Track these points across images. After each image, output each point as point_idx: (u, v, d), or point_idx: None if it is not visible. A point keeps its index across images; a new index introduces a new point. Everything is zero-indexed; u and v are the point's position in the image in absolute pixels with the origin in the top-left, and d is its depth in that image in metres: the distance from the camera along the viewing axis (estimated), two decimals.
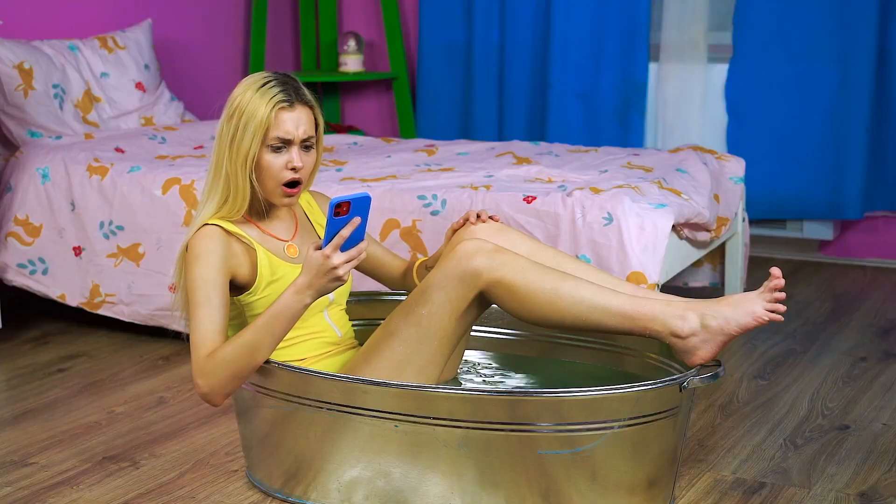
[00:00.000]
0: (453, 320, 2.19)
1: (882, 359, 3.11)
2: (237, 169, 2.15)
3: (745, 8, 4.18)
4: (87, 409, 2.77)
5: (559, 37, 4.42)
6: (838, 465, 2.39)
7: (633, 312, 2.13)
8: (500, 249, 2.18)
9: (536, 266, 2.17)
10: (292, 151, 2.17)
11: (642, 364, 2.41)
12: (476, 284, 2.17)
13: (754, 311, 2.08)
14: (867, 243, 4.26)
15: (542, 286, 2.15)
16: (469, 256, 2.16)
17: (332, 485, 2.14)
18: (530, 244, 2.35)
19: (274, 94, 2.14)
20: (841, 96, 4.08)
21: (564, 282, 2.16)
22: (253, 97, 2.14)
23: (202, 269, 2.12)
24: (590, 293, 2.15)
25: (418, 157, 3.55)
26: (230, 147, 2.16)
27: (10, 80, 3.48)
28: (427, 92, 4.78)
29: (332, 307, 2.33)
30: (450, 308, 2.18)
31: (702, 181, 3.19)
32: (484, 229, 2.36)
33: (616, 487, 2.05)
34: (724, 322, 2.09)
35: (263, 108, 2.13)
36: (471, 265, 2.16)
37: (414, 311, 2.19)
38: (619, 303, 2.14)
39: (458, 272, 2.16)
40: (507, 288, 2.16)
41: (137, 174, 3.23)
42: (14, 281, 3.38)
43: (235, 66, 4.73)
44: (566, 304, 2.15)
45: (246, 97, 2.15)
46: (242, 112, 2.14)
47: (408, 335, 2.18)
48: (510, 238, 2.35)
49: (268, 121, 2.13)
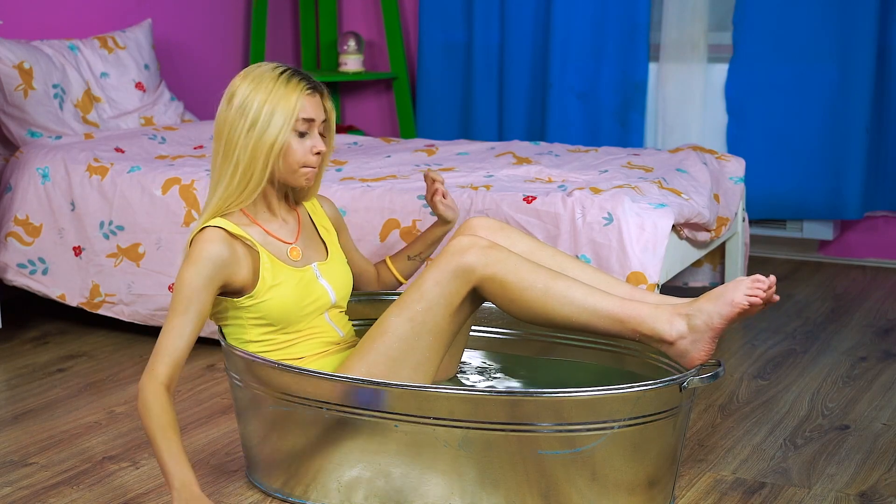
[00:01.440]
0: (448, 316, 2.19)
1: (882, 359, 3.11)
2: (258, 155, 2.18)
3: (745, 8, 4.18)
4: (87, 409, 2.77)
5: (559, 37, 4.42)
6: (838, 465, 2.39)
7: (622, 316, 2.13)
8: (494, 246, 2.18)
9: (530, 264, 2.18)
10: (315, 137, 2.23)
11: (642, 364, 2.41)
12: (470, 280, 2.17)
13: (733, 298, 2.05)
14: (867, 243, 4.26)
15: (533, 285, 2.15)
16: (463, 251, 2.17)
17: (332, 485, 2.14)
18: (529, 243, 2.36)
19: (298, 82, 2.20)
20: (841, 96, 4.08)
21: (556, 281, 2.16)
22: (276, 86, 2.18)
23: (193, 276, 2.14)
24: (581, 294, 2.15)
25: (418, 157, 3.55)
26: (249, 135, 2.17)
27: (10, 80, 3.48)
28: (427, 92, 4.78)
29: (332, 310, 2.33)
30: (444, 304, 2.18)
31: (702, 181, 3.19)
32: (484, 227, 2.37)
33: (616, 487, 2.05)
34: (707, 318, 2.08)
35: (294, 96, 2.18)
36: (465, 260, 2.17)
37: (408, 307, 2.19)
38: (609, 306, 2.14)
39: (452, 268, 2.17)
40: (500, 284, 2.16)
41: (137, 174, 3.23)
42: (14, 281, 3.38)
43: (235, 66, 4.73)
44: (556, 303, 2.15)
45: (265, 88, 2.18)
46: (264, 102, 2.17)
47: (403, 332, 2.19)
48: (510, 237, 2.36)
49: (298, 107, 2.18)
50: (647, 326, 2.12)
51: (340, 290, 2.34)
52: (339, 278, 2.35)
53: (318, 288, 2.28)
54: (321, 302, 2.29)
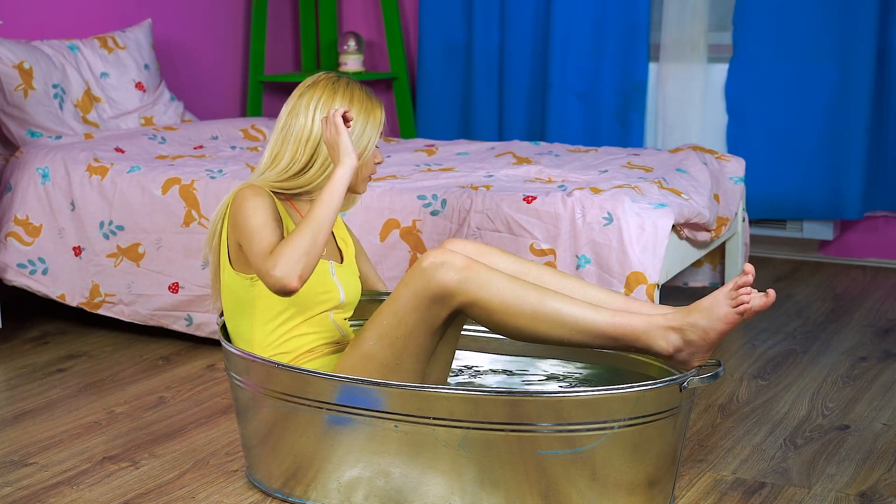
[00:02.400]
0: (429, 336, 2.16)
1: (882, 359, 3.11)
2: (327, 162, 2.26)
3: (745, 8, 4.18)
4: (87, 409, 2.77)
5: (559, 37, 4.42)
6: (838, 465, 2.39)
7: (615, 334, 2.12)
8: (470, 264, 2.11)
9: (513, 285, 2.12)
10: (378, 149, 2.35)
11: (643, 364, 2.41)
12: (449, 304, 2.12)
13: (725, 314, 2.05)
14: (867, 243, 4.26)
15: (520, 310, 2.11)
16: (436, 270, 2.11)
17: (332, 485, 2.14)
18: (508, 263, 2.29)
19: (376, 101, 2.32)
20: (841, 96, 4.08)
21: (544, 304, 2.11)
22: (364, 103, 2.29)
23: (257, 204, 2.16)
24: (571, 316, 2.11)
25: (418, 157, 3.55)
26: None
27: (10, 80, 3.48)
28: (427, 92, 4.78)
29: (338, 312, 2.34)
30: (425, 327, 2.14)
31: (702, 181, 3.19)
32: (466, 249, 2.29)
33: (616, 487, 2.05)
34: (702, 333, 2.08)
35: (379, 116, 2.30)
36: (440, 283, 2.10)
37: (388, 333, 2.15)
38: (601, 324, 2.11)
39: (430, 293, 2.11)
40: (485, 310, 2.12)
41: (137, 174, 3.23)
42: (14, 281, 3.38)
43: (235, 66, 4.73)
44: (547, 327, 2.12)
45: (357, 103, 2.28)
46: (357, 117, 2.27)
47: (384, 357, 2.16)
48: (489, 257, 2.29)
49: (381, 122, 2.31)
50: (641, 343, 2.11)
51: (350, 293, 2.34)
52: (350, 283, 2.36)
53: (330, 282, 2.29)
54: (331, 296, 2.30)
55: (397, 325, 2.14)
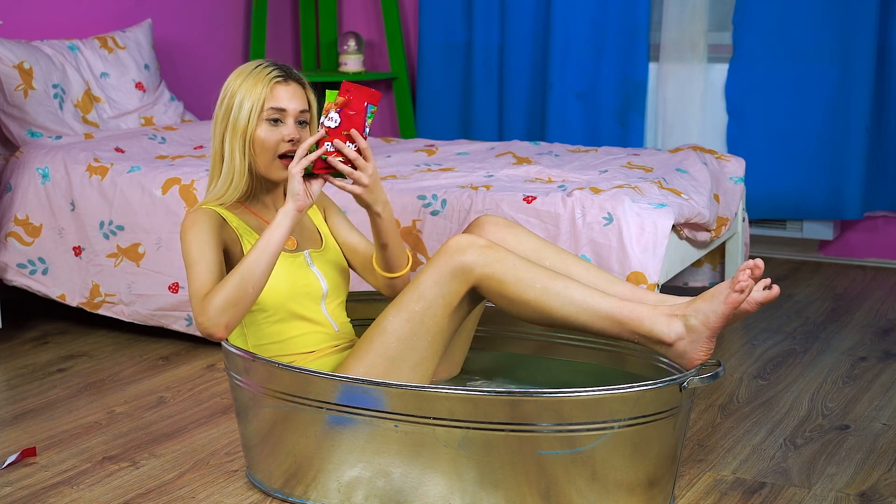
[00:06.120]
0: (446, 315, 2.20)
1: (882, 359, 3.11)
2: (234, 147, 2.23)
3: (745, 8, 4.18)
4: (87, 409, 2.77)
5: (559, 37, 4.42)
6: (838, 465, 2.39)
7: (620, 317, 2.14)
8: (492, 245, 2.19)
9: (529, 264, 2.18)
10: (288, 124, 2.25)
11: (643, 364, 2.41)
12: (468, 279, 2.18)
13: (726, 296, 2.06)
14: (867, 243, 4.26)
15: (532, 284, 2.16)
16: (461, 251, 2.18)
17: (332, 485, 2.14)
18: (535, 241, 2.36)
19: (269, 72, 2.24)
20: (841, 96, 4.08)
21: (554, 281, 2.16)
22: (247, 78, 2.24)
23: (195, 234, 2.18)
24: (580, 295, 2.16)
25: (418, 157, 3.55)
26: (226, 126, 2.24)
27: (10, 80, 3.48)
28: (427, 92, 4.78)
29: (328, 300, 2.33)
30: (443, 303, 2.19)
31: (702, 181, 3.19)
32: (492, 223, 2.37)
33: (616, 487, 2.05)
34: (704, 318, 2.09)
35: (260, 84, 2.22)
36: (463, 260, 2.17)
37: (407, 307, 2.20)
38: (607, 306, 2.15)
39: (450, 268, 2.18)
40: (498, 283, 2.17)
41: (137, 174, 3.23)
42: (14, 281, 3.38)
43: (235, 66, 4.72)
44: (555, 303, 2.16)
45: (240, 80, 2.24)
46: (236, 92, 2.23)
47: (401, 332, 2.19)
48: (517, 234, 2.36)
49: (264, 94, 2.22)
50: (645, 328, 2.13)
51: (333, 279, 2.35)
52: (332, 268, 2.36)
53: (309, 274, 2.31)
54: (312, 288, 2.30)
55: (417, 300, 2.19)
